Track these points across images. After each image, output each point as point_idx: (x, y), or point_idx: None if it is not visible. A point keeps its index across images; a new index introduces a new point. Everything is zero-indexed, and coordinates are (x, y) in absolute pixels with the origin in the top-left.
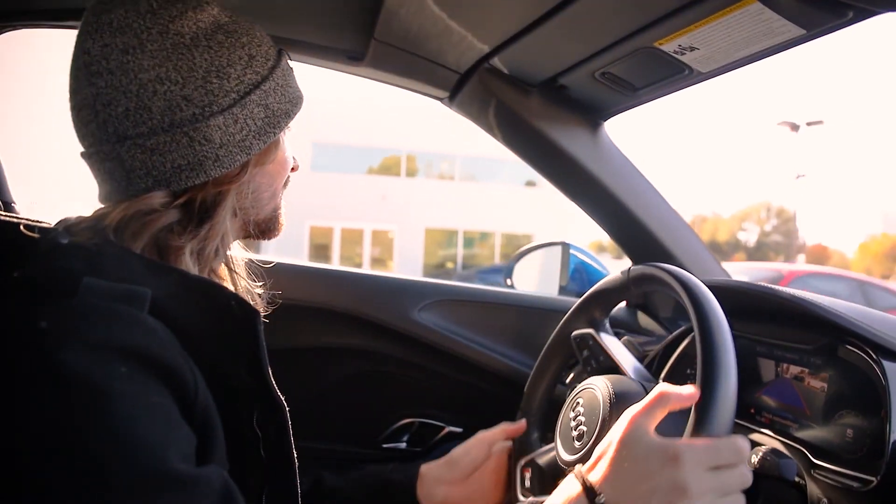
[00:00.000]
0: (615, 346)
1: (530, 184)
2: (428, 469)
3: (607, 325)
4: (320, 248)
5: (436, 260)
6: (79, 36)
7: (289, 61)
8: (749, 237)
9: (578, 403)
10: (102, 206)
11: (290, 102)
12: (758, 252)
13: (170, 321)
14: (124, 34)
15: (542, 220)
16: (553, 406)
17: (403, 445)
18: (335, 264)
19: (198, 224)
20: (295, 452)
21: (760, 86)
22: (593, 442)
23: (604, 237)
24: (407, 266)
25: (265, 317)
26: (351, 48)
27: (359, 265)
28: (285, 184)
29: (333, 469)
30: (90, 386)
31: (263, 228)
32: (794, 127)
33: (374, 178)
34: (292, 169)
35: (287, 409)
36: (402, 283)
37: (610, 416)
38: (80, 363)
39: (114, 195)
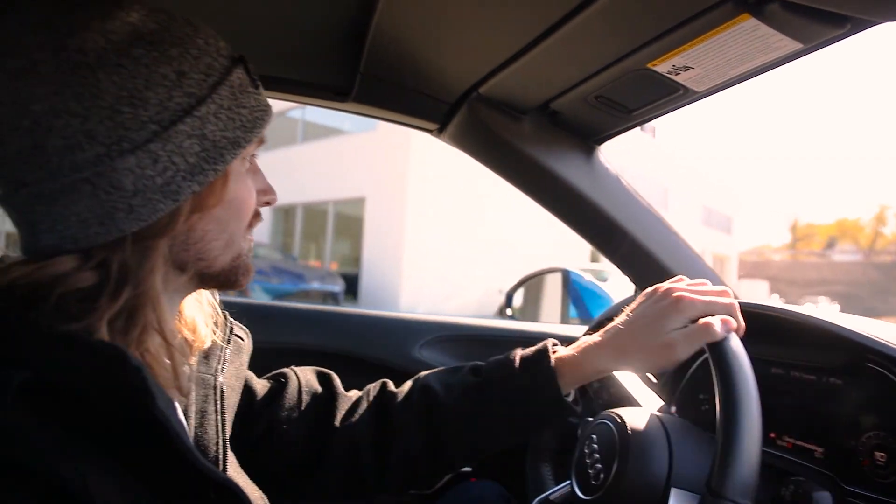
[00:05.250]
0: (625, 377)
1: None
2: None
3: None
4: None
5: None
6: None
7: (245, 72)
8: None
9: (593, 439)
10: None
11: (243, 127)
12: None
13: (60, 400)
14: (16, 56)
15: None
16: (565, 440)
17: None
18: None
19: (115, 289)
20: None
21: None
22: (612, 479)
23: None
24: None
25: (264, 361)
26: (337, 84)
27: None
28: (251, 224)
29: None
30: None
31: (222, 281)
32: None
33: None
34: (266, 203)
35: (243, 493)
36: (402, 322)
37: (626, 450)
38: None
39: (26, 250)
